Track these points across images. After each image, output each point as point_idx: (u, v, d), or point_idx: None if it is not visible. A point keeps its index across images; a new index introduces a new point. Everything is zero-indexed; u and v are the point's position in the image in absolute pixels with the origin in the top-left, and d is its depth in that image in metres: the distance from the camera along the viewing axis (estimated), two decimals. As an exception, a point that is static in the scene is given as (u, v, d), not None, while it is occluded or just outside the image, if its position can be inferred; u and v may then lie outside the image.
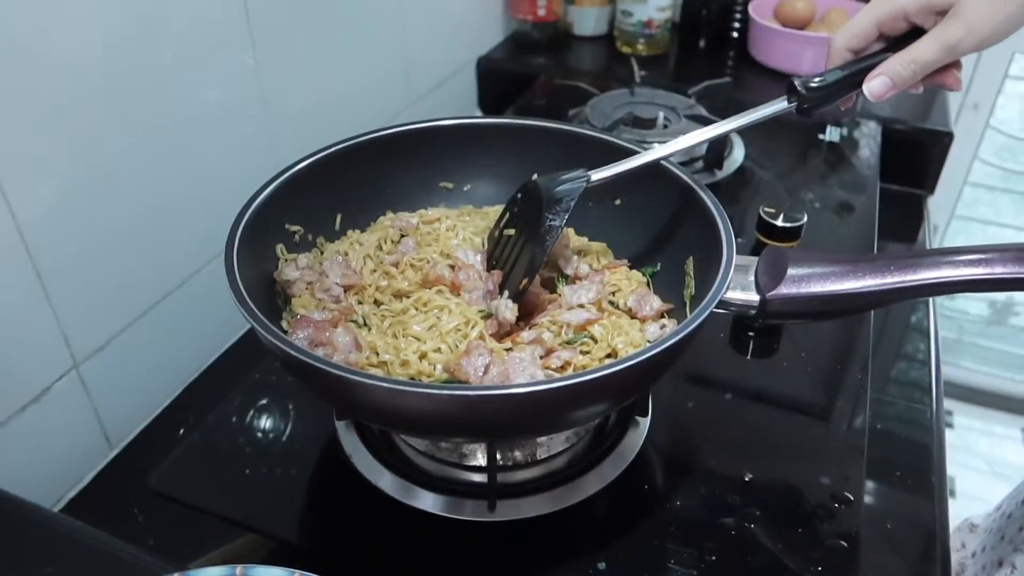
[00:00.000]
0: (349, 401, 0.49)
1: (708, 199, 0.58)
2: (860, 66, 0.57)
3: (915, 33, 0.56)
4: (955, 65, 0.57)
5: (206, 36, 0.69)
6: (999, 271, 0.48)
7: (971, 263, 0.49)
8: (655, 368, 0.48)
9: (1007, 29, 0.54)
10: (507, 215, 0.62)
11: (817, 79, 0.58)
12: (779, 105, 0.59)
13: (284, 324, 0.57)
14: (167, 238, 0.70)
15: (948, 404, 2.01)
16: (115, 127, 0.62)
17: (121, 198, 0.65)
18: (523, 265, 0.57)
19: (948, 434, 1.91)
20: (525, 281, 0.56)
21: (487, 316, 0.56)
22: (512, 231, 0.60)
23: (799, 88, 0.58)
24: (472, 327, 0.55)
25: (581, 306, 0.58)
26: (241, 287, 0.50)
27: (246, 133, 0.77)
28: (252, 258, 0.56)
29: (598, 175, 0.58)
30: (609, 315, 0.58)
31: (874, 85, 0.56)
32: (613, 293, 0.62)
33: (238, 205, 0.58)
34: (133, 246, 0.67)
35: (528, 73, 1.24)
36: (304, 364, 0.45)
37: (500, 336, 0.56)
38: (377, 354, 0.53)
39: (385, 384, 0.43)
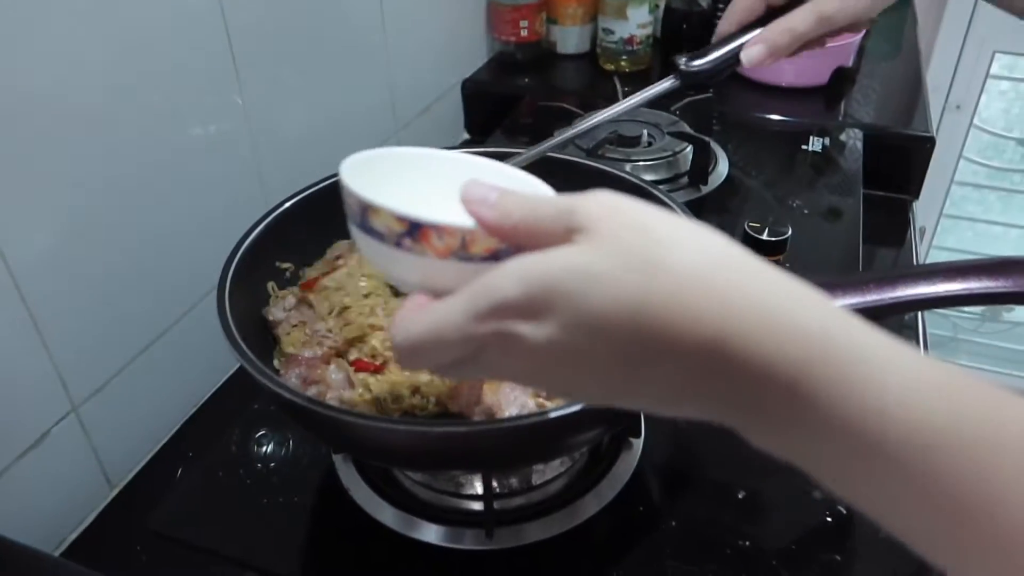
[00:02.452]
0: (343, 440, 0.50)
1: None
2: (741, 40, 0.61)
3: (797, 2, 0.59)
4: (833, 33, 0.60)
5: (194, 78, 0.70)
6: (975, 286, 0.49)
7: (948, 279, 0.50)
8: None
9: (878, 5, 0.58)
10: None
11: (698, 60, 0.62)
12: (667, 84, 0.63)
13: (276, 363, 0.58)
14: (160, 277, 0.71)
15: (946, 402, 2.01)
16: (105, 169, 0.63)
17: (113, 239, 0.65)
18: None
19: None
20: None
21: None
22: None
23: (683, 68, 0.62)
24: None
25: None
26: (233, 328, 0.50)
27: (236, 170, 0.78)
28: (244, 297, 0.57)
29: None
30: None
31: (752, 53, 0.59)
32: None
33: (230, 241, 0.59)
34: (127, 286, 0.68)
35: (513, 94, 1.25)
36: (296, 405, 0.45)
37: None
38: (370, 390, 0.54)
39: (377, 424, 0.43)
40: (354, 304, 0.59)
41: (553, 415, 0.44)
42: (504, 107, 1.23)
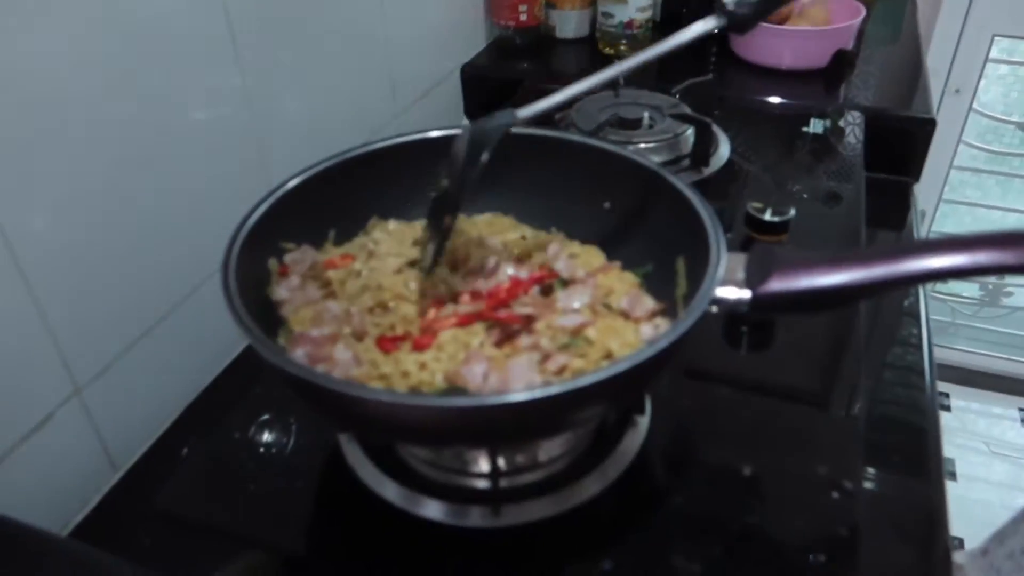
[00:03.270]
0: (348, 416, 0.50)
1: (695, 199, 0.59)
2: None
3: None
4: None
5: (192, 58, 0.70)
6: (981, 259, 0.49)
7: (954, 252, 0.50)
8: (649, 369, 0.48)
9: None
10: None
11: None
12: (708, 24, 0.59)
13: (281, 340, 0.58)
14: (163, 259, 0.71)
15: (945, 387, 2.03)
16: (105, 151, 0.63)
17: (116, 221, 0.65)
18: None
19: (946, 417, 1.93)
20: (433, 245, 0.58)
21: (491, 326, 0.57)
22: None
23: (727, 6, 0.58)
24: (473, 336, 0.56)
25: (576, 310, 0.59)
26: (237, 303, 0.50)
27: (236, 151, 0.78)
28: (249, 276, 0.56)
29: (525, 111, 0.58)
30: (603, 318, 0.59)
31: None
32: (607, 295, 0.63)
33: (232, 222, 0.59)
34: (130, 268, 0.67)
35: (512, 78, 1.25)
36: (301, 380, 0.45)
37: (500, 342, 0.57)
38: (377, 367, 0.54)
39: (384, 398, 0.43)
40: (386, 280, 0.60)
41: (559, 391, 0.44)
42: (503, 92, 1.22)
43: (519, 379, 0.51)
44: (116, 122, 0.63)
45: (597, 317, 0.59)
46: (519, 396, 0.43)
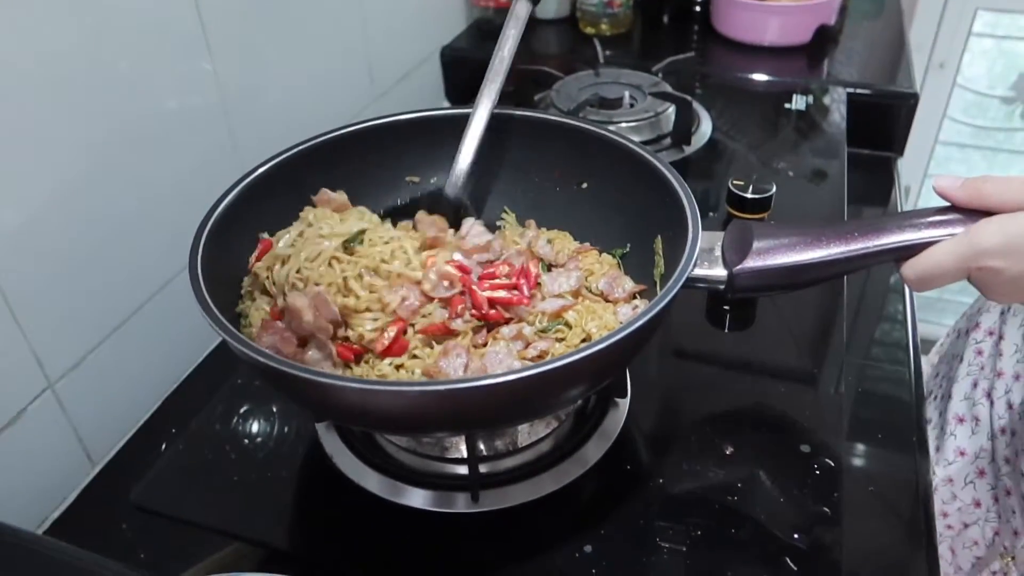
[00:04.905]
0: (325, 405, 0.49)
1: (672, 177, 0.58)
2: None
3: None
4: None
5: (160, 45, 0.68)
6: (960, 232, 0.49)
7: (933, 224, 0.50)
8: (626, 350, 0.48)
9: None
10: None
11: None
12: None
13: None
14: (135, 251, 0.70)
15: (932, 362, 2.02)
16: (73, 142, 0.62)
17: (85, 214, 0.64)
18: None
19: (933, 392, 1.93)
20: None
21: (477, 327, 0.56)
22: None
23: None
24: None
25: (559, 295, 0.58)
26: (208, 299, 0.49)
27: (209, 139, 0.77)
28: (220, 267, 0.55)
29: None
30: (583, 300, 0.58)
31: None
32: (586, 278, 0.62)
33: (205, 212, 0.58)
34: (101, 261, 0.66)
35: (493, 60, 1.23)
36: (277, 371, 0.44)
37: (483, 344, 0.55)
38: (351, 368, 0.53)
39: (357, 385, 0.42)
40: (314, 272, 0.54)
41: (532, 372, 0.43)
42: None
43: (497, 367, 0.50)
44: (84, 113, 0.62)
45: (578, 300, 0.58)
46: (491, 379, 0.43)
